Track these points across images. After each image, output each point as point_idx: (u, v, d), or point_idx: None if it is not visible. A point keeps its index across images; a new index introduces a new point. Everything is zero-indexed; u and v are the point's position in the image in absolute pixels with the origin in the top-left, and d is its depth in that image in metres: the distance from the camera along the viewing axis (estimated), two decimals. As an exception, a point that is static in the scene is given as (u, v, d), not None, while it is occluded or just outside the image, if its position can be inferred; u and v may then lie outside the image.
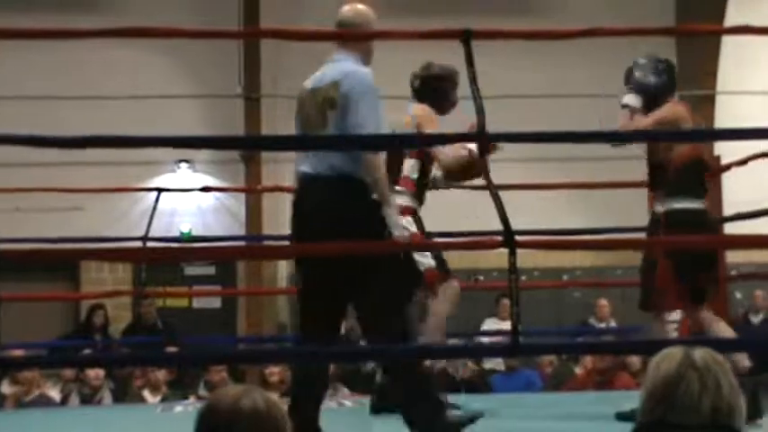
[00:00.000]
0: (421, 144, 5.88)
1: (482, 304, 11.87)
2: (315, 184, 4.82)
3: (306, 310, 4.97)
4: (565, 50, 11.44)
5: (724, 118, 13.32)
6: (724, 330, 5.61)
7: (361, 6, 5.14)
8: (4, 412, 8.97)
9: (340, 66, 5.02)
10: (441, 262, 5.88)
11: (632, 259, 11.15)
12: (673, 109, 5.82)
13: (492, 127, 4.39)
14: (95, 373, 9.98)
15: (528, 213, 5.67)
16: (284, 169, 12.89)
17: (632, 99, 6.09)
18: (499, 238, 4.32)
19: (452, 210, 9.31)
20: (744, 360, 5.42)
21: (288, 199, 13.54)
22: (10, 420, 7.67)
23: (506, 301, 11.40)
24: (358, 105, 4.79)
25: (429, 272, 5.80)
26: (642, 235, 6.98)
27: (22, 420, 7.56)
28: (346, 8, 5.13)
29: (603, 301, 11.81)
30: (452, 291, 5.93)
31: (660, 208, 5.80)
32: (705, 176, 5.80)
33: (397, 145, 5.67)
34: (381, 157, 4.84)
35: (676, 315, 6.87)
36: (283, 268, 13.25)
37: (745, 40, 12.59)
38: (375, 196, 4.72)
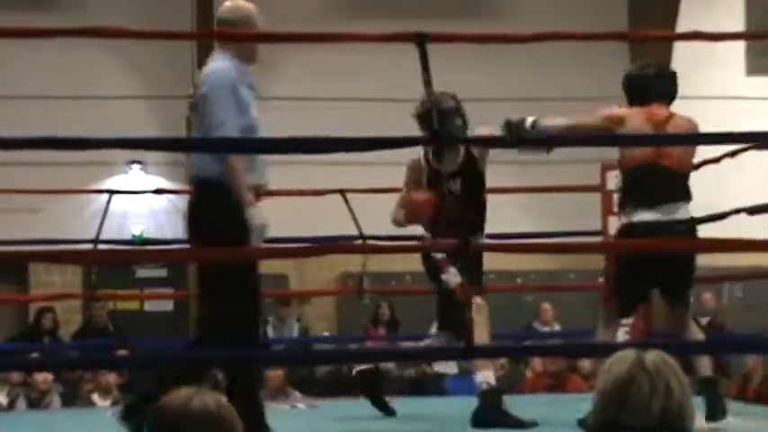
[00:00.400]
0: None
1: (424, 307, 11.93)
2: (191, 188, 4.90)
3: None
4: (518, 53, 11.52)
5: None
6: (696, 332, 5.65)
7: (240, 2, 5.05)
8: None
9: (209, 66, 4.95)
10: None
11: (586, 263, 11.32)
12: (627, 111, 5.71)
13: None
14: (43, 377, 9.93)
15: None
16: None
17: None
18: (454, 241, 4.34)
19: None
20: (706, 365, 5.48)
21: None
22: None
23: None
24: (214, 106, 4.72)
25: (459, 287, 5.67)
26: (593, 239, 7.06)
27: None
28: (226, 4, 5.04)
29: (546, 305, 11.89)
30: (483, 309, 5.71)
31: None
32: (664, 181, 5.54)
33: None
34: (245, 160, 4.76)
35: (628, 318, 6.93)
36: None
37: (697, 45, 12.69)
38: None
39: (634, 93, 5.81)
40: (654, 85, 5.84)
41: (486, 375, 5.57)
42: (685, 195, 5.50)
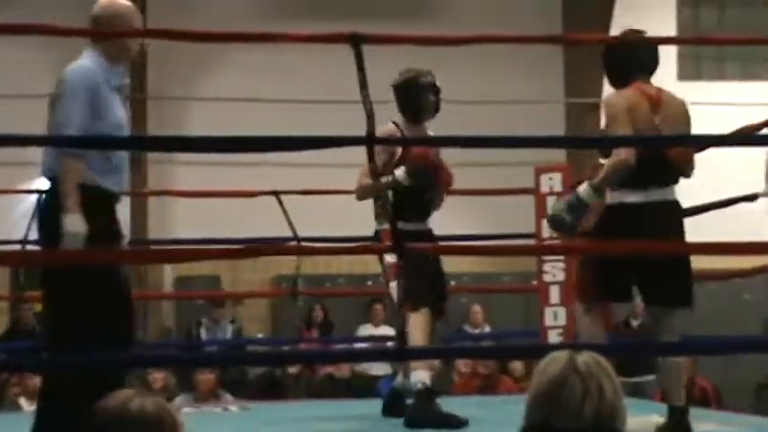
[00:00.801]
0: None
1: (358, 309, 11.96)
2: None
3: None
4: (455, 56, 11.52)
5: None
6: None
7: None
8: None
9: (72, 64, 4.68)
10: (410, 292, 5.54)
11: (518, 266, 11.37)
12: (623, 100, 5.28)
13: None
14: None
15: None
16: (172, 173, 12.83)
17: None
18: (387, 243, 4.33)
19: (333, 215, 9.34)
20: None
21: (175, 202, 13.49)
22: None
23: (379, 306, 11.46)
24: (62, 104, 4.52)
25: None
26: (527, 241, 7.08)
27: None
28: (101, 2, 4.74)
29: (477, 308, 11.93)
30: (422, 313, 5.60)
31: None
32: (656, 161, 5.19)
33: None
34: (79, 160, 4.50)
35: (561, 320, 6.96)
36: (169, 273, 13.16)
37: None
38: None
39: (620, 69, 5.49)
40: (639, 58, 5.56)
41: (420, 376, 5.51)
42: (675, 178, 5.26)
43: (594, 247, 5.31)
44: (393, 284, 5.56)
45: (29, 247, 7.75)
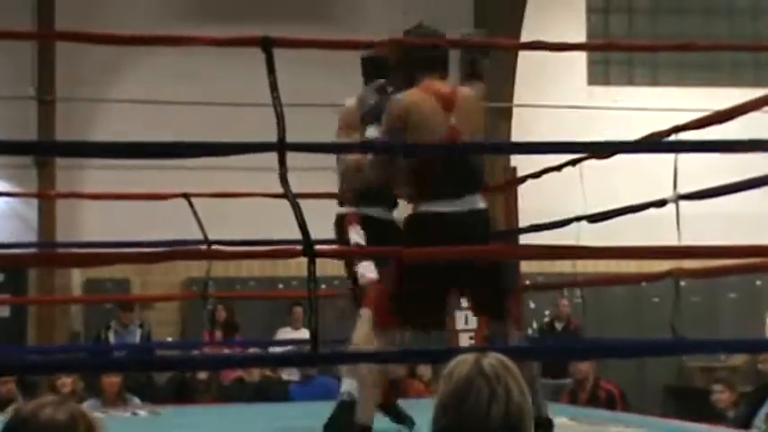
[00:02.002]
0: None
1: (277, 313, 11.95)
2: None
3: None
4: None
5: (522, 129, 13.66)
6: None
7: None
8: None
9: None
10: None
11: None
12: (406, 100, 4.97)
13: (291, 136, 4.42)
14: None
15: (327, 221, 5.69)
16: (80, 175, 12.72)
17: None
18: (299, 247, 4.35)
19: (253, 217, 9.36)
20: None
21: (84, 205, 13.36)
22: None
23: (299, 309, 11.46)
24: None
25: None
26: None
27: None
28: None
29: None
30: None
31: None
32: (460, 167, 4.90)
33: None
34: None
35: (471, 324, 7.04)
36: (77, 276, 13.05)
37: (541, 54, 12.92)
38: None
39: (405, 69, 5.21)
40: (424, 56, 5.24)
41: (349, 385, 5.36)
42: (480, 183, 5.01)
43: (508, 251, 5.37)
44: (360, 270, 5.38)
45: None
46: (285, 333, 11.51)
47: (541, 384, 5.81)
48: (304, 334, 11.09)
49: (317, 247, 4.27)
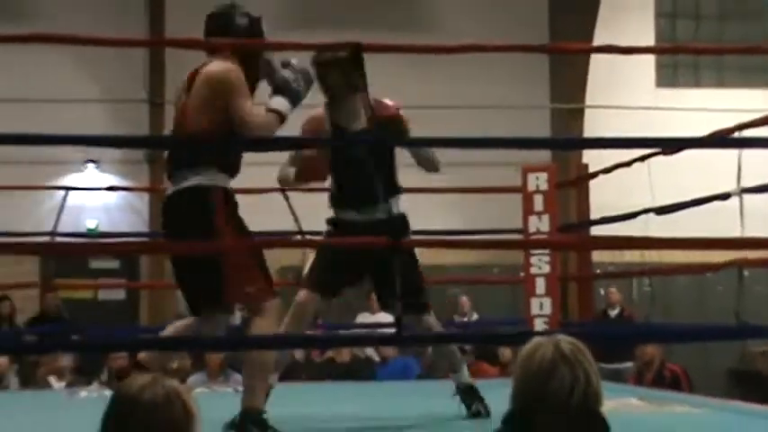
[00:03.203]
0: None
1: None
2: None
3: None
4: (450, 64, 11.54)
5: (594, 129, 13.56)
6: None
7: None
8: None
9: None
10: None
11: (509, 258, 11.37)
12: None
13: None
14: (1, 360, 9.84)
15: (411, 215, 5.66)
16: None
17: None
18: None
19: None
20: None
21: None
22: None
23: (375, 296, 11.45)
24: None
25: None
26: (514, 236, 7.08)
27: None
28: None
29: (464, 298, 11.94)
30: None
31: None
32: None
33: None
34: None
35: (547, 309, 6.96)
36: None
37: (612, 58, 12.81)
38: None
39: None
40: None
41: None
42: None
43: (582, 242, 5.33)
44: None
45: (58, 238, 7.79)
46: (364, 317, 11.54)
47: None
48: (380, 318, 11.13)
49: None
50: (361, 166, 4.80)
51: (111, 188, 12.31)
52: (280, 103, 4.34)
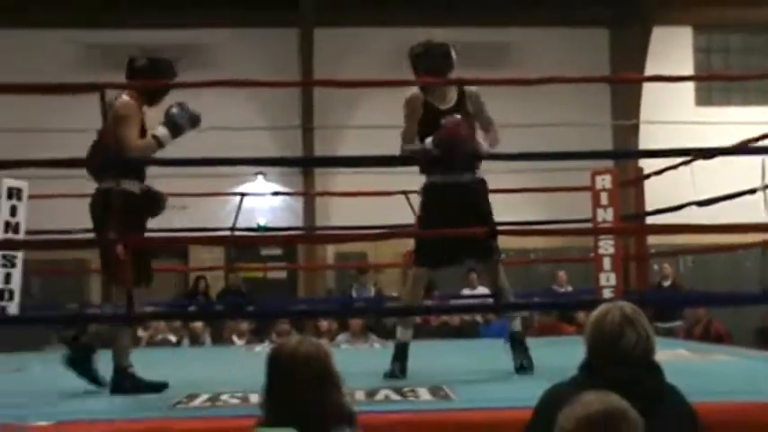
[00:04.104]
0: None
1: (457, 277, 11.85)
2: None
3: None
4: (531, 94, 11.44)
5: (647, 141, 13.36)
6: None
7: None
8: (138, 350, 9.03)
9: None
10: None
11: (582, 242, 11.24)
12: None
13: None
14: (198, 324, 10.06)
15: (503, 209, 5.62)
16: (333, 179, 12.95)
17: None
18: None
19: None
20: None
21: (334, 200, 13.44)
22: (143, 355, 7.71)
23: (474, 275, 11.38)
24: None
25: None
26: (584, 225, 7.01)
27: (151, 356, 7.62)
28: None
29: (562, 273, 11.81)
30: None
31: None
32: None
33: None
34: None
35: (612, 281, 6.87)
36: (330, 250, 13.30)
37: (660, 84, 12.61)
38: None
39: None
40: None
41: (403, 333, 4.96)
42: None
43: (639, 228, 5.25)
44: None
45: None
46: (466, 291, 11.51)
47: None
48: (478, 292, 11.10)
49: (498, 228, 4.27)
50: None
51: (275, 193, 12.54)
52: (161, 132, 4.46)
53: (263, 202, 13.04)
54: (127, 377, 4.32)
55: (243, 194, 8.75)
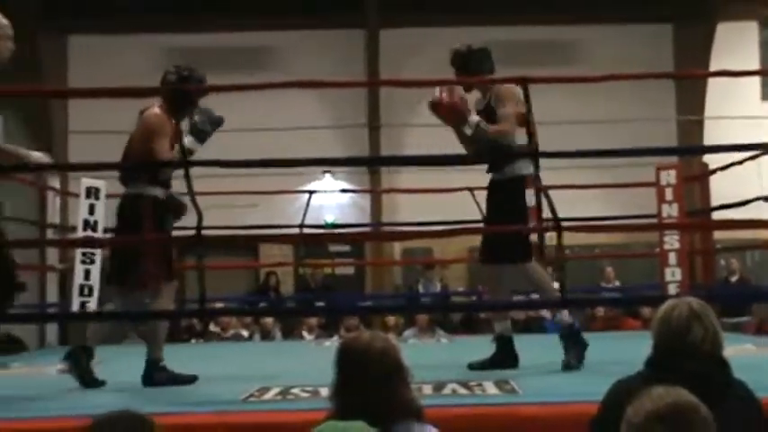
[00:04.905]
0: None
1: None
2: None
3: None
4: (595, 90, 11.31)
5: (711, 136, 13.12)
6: None
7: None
8: (211, 343, 9.17)
9: None
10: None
11: (645, 238, 11.08)
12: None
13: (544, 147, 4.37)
14: (269, 319, 10.15)
15: (568, 206, 5.57)
16: (398, 177, 12.96)
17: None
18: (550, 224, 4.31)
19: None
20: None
21: (400, 197, 13.48)
22: (215, 348, 7.84)
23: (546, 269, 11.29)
24: None
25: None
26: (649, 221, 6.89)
27: (223, 349, 7.72)
28: None
29: (609, 269, 11.66)
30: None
31: None
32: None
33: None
34: None
35: (677, 277, 6.75)
36: (397, 246, 13.30)
37: (725, 79, 12.35)
38: None
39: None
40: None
41: (503, 326, 4.97)
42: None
43: (704, 224, 5.16)
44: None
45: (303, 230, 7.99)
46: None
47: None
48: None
49: (564, 223, 4.23)
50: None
51: (342, 191, 12.59)
52: (188, 141, 4.58)
53: (331, 200, 13.10)
54: (161, 370, 4.52)
55: (311, 192, 8.81)
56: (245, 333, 9.92)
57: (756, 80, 13.85)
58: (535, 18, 13.25)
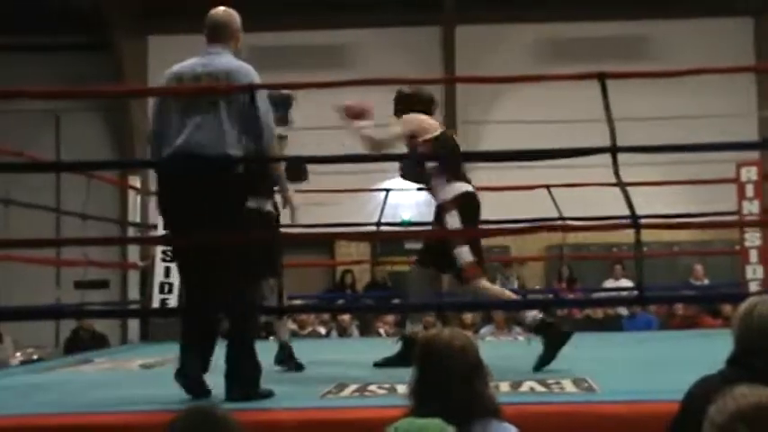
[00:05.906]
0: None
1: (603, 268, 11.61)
2: None
3: None
4: (672, 85, 11.10)
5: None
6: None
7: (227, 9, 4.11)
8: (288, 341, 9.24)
9: (232, 61, 3.95)
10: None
11: (728, 234, 10.83)
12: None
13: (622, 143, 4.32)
14: (346, 316, 10.20)
15: (645, 202, 5.48)
16: (473, 174, 12.90)
17: None
18: (627, 221, 4.25)
19: (591, 200, 9.18)
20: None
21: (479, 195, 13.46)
22: (293, 346, 7.90)
23: (619, 267, 11.14)
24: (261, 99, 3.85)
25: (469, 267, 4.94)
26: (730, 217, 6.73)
27: (301, 346, 7.78)
28: (224, 11, 4.07)
29: (699, 266, 11.44)
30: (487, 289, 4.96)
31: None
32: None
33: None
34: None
35: (759, 275, 6.60)
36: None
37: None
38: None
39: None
40: None
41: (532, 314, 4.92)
42: None
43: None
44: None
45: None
46: (609, 283, 11.25)
47: None
48: (621, 283, 10.82)
49: (642, 221, 4.17)
50: None
51: (418, 189, 12.52)
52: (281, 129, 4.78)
53: (407, 198, 13.12)
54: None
55: (388, 190, 8.82)
56: (322, 330, 9.98)
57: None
58: (611, 13, 13.08)
